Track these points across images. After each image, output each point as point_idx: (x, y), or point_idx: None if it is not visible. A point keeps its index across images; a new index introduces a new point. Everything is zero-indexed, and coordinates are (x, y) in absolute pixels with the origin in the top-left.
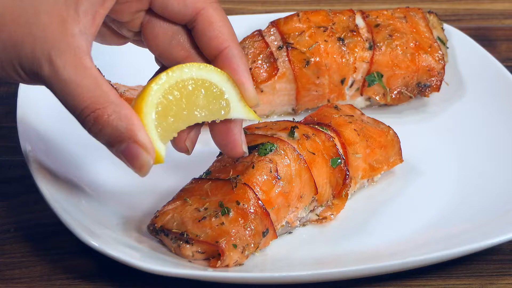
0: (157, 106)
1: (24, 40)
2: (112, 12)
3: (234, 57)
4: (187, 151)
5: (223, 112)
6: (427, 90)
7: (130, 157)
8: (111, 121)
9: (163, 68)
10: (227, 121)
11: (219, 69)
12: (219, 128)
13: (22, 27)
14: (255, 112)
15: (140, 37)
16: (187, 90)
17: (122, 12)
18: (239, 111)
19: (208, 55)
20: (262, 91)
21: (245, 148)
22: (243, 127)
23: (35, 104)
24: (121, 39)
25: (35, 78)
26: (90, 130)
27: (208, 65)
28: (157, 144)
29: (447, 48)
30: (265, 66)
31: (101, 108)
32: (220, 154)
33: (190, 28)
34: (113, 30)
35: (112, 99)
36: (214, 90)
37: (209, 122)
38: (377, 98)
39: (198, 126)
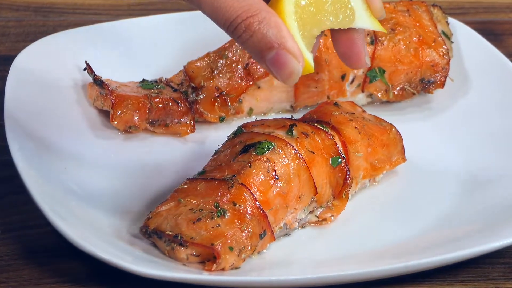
0: (295, 15)
1: None
2: None
3: None
4: None
5: (348, 21)
6: (431, 86)
7: (278, 65)
8: (261, 28)
9: None
10: (351, 31)
11: None
12: (343, 37)
13: None
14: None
15: None
16: None
17: None
18: (365, 21)
19: None
20: (259, 88)
21: (367, 60)
22: (247, 122)
23: (23, 102)
24: None
25: None
26: (239, 38)
27: None
28: (305, 53)
29: (452, 42)
30: None
31: (252, 16)
32: (216, 153)
33: None
34: None
35: (263, 6)
36: None
37: (334, 29)
38: (379, 94)
39: (318, 35)
